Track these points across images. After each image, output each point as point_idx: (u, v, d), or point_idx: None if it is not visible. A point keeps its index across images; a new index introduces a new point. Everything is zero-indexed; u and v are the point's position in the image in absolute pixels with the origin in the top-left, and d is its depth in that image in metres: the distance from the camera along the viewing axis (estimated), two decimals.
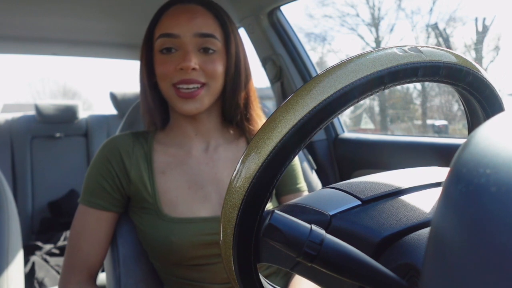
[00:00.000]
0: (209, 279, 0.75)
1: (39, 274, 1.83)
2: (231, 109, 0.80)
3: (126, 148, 0.78)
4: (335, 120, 1.39)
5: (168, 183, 0.76)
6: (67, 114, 2.49)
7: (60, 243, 2.11)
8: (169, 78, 0.73)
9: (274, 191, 0.85)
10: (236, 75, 0.78)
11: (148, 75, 0.78)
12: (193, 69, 0.71)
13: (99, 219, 0.76)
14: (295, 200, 0.40)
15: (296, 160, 0.89)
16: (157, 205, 0.75)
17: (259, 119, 0.83)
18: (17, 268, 0.71)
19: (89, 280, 0.75)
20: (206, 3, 0.77)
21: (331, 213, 0.36)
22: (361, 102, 0.32)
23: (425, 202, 0.38)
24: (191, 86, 0.72)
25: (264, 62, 1.44)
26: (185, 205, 0.75)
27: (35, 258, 1.91)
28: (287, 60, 1.37)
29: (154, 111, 0.80)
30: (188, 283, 0.76)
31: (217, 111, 0.82)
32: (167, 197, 0.75)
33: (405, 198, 0.38)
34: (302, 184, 0.88)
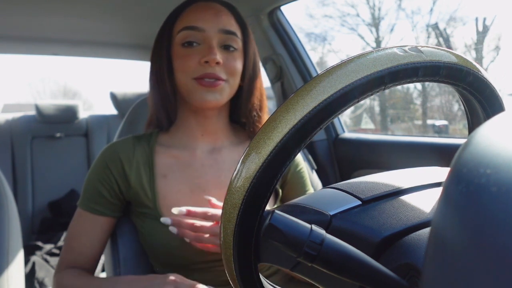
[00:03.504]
0: (210, 282, 0.75)
1: (40, 274, 1.83)
2: (246, 110, 0.80)
3: (127, 153, 0.77)
4: (335, 120, 1.39)
5: (169, 187, 0.76)
6: (68, 114, 2.49)
7: (61, 243, 2.11)
8: (190, 71, 0.72)
9: (281, 197, 0.85)
10: (253, 76, 0.79)
11: (168, 69, 0.77)
12: (217, 63, 0.71)
13: (96, 223, 0.76)
14: (295, 200, 0.40)
15: (304, 168, 0.89)
16: (157, 209, 0.74)
17: None
18: (17, 268, 0.71)
19: (82, 270, 0.76)
20: (227, 4, 0.79)
21: (331, 213, 0.36)
22: (361, 102, 0.32)
23: (426, 202, 0.38)
24: (212, 80, 0.72)
25: (265, 62, 1.44)
26: None
27: (36, 258, 1.91)
28: (287, 60, 1.37)
29: (172, 105, 0.78)
30: None
31: (226, 111, 0.82)
32: (168, 201, 0.75)
33: (405, 198, 0.38)
34: (310, 190, 0.88)
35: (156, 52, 0.79)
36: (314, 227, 0.31)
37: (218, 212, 0.68)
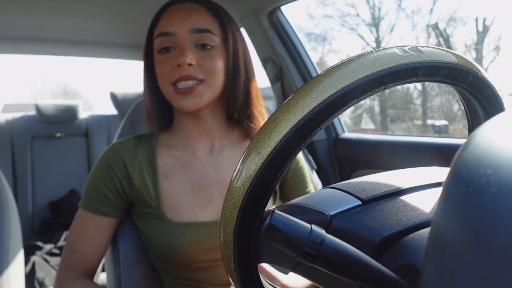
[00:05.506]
0: (211, 281, 0.75)
1: (40, 274, 1.83)
2: (231, 106, 0.79)
3: (129, 154, 0.77)
4: (335, 120, 1.39)
5: (172, 187, 0.76)
6: (68, 114, 2.49)
7: (61, 243, 2.11)
8: (167, 77, 0.73)
9: (281, 195, 0.85)
10: (235, 71, 0.77)
11: (150, 77, 0.78)
12: (190, 64, 0.70)
13: (98, 224, 0.76)
14: (295, 200, 0.40)
15: (304, 165, 0.89)
16: (161, 209, 0.74)
17: (261, 118, 0.82)
18: (17, 268, 0.71)
19: (84, 276, 0.75)
20: (204, 2, 0.77)
21: (331, 213, 0.36)
22: (362, 102, 0.32)
23: (426, 202, 0.37)
24: (189, 82, 0.71)
25: (265, 62, 1.44)
26: (189, 209, 0.75)
27: (36, 258, 1.91)
28: (287, 60, 1.37)
29: (156, 113, 0.80)
30: (190, 284, 0.76)
31: (222, 110, 0.80)
32: (171, 201, 0.75)
33: (405, 198, 0.38)
34: (310, 188, 0.88)
35: (144, 62, 0.81)
36: (314, 227, 0.31)
37: None
